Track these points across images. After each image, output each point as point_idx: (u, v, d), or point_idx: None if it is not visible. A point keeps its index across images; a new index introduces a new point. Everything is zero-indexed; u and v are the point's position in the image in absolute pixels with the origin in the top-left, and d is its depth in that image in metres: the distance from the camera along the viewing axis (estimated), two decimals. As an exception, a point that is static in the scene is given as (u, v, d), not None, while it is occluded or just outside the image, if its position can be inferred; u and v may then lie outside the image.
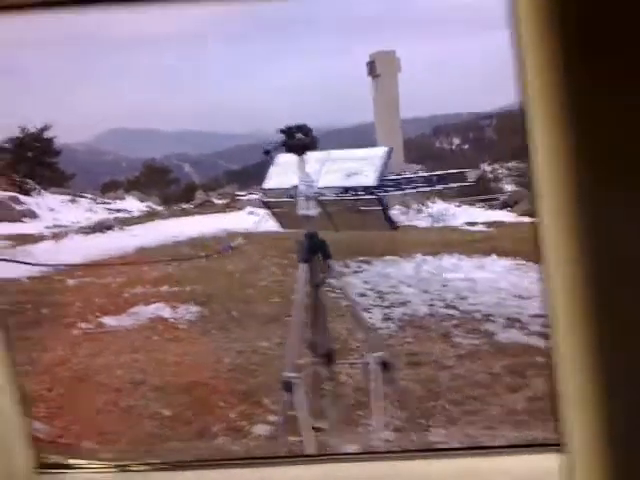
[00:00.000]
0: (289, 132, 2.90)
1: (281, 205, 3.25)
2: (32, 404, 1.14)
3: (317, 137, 2.93)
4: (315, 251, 2.98)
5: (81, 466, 1.21)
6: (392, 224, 3.13)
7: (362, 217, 3.06)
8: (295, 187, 2.99)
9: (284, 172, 3.18)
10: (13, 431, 1.13)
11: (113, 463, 1.23)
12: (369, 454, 2.15)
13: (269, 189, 3.35)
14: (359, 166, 3.07)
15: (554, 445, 0.94)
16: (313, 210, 2.96)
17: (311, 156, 2.98)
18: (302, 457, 2.61)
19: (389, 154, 3.10)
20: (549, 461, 1.06)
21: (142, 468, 1.21)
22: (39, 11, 0.87)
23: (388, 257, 8.76)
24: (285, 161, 3.17)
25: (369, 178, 3.00)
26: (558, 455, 0.83)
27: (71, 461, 1.21)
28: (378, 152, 3.16)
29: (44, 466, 1.18)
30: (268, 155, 3.07)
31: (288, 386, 2.86)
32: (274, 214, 3.38)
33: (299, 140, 2.90)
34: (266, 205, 3.42)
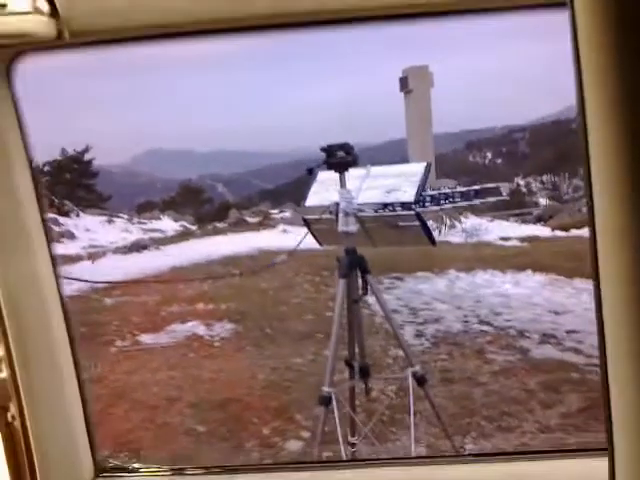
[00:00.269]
0: (331, 150, 2.96)
1: (321, 222, 3.30)
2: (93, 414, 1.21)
3: (357, 155, 2.98)
4: (354, 267, 3.02)
5: (139, 470, 1.27)
6: (431, 239, 3.14)
7: (401, 233, 3.09)
8: (336, 204, 3.05)
9: (325, 189, 3.24)
10: (78, 437, 1.20)
11: (169, 467, 1.28)
12: (408, 459, 2.16)
13: (310, 206, 3.40)
14: (398, 182, 3.10)
15: (600, 450, 0.95)
16: (352, 226, 3.01)
17: (351, 173, 3.04)
18: (346, 462, 2.63)
19: (428, 170, 3.14)
20: (594, 466, 1.06)
21: (197, 472, 1.26)
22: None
23: (421, 273, 8.73)
24: (326, 178, 3.23)
25: (408, 194, 3.04)
26: (603, 460, 0.82)
27: (129, 466, 1.27)
28: (417, 168, 3.19)
29: (105, 470, 1.25)
30: (311, 173, 3.14)
31: (325, 400, 2.88)
32: (313, 231, 3.42)
33: (341, 158, 2.96)
34: (305, 222, 3.47)
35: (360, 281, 3.05)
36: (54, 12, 0.88)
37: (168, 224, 20.95)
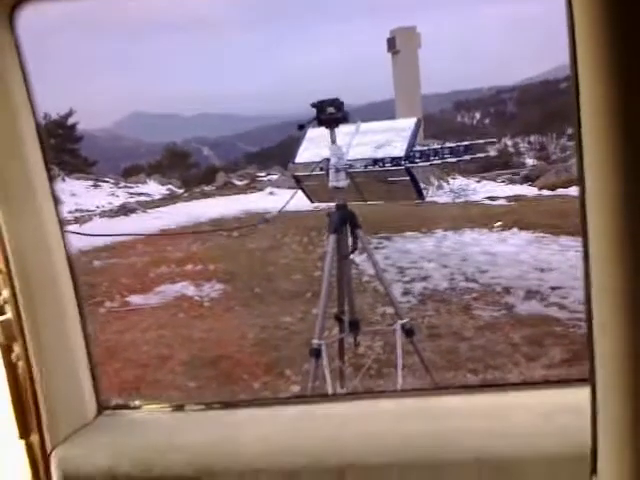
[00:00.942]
0: (321, 106, 2.98)
1: (311, 178, 3.33)
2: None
3: (348, 111, 3.01)
4: (344, 222, 3.07)
5: (140, 407, 1.33)
6: (420, 194, 3.19)
7: (391, 188, 3.13)
8: (326, 160, 3.08)
9: (315, 146, 3.26)
10: (82, 376, 1.25)
11: (169, 403, 1.34)
12: (398, 391, 2.24)
13: (300, 163, 3.43)
14: (388, 138, 3.13)
15: (581, 380, 1.00)
16: (343, 182, 3.04)
17: (341, 129, 3.06)
18: (342, 395, 2.72)
19: (418, 125, 3.17)
20: (576, 395, 1.12)
21: (197, 407, 1.32)
22: None
23: (409, 233, 8.79)
24: (315, 135, 3.25)
25: (398, 149, 3.07)
26: (584, 389, 0.86)
27: (131, 403, 1.33)
28: (407, 123, 3.22)
29: (107, 407, 1.30)
30: (302, 129, 3.15)
31: (316, 352, 2.95)
32: (303, 187, 3.45)
33: (331, 114, 2.98)
34: (296, 179, 3.50)
35: (350, 237, 3.10)
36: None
37: (155, 188, 20.83)
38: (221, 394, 4.44)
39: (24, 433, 1.30)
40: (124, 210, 13.66)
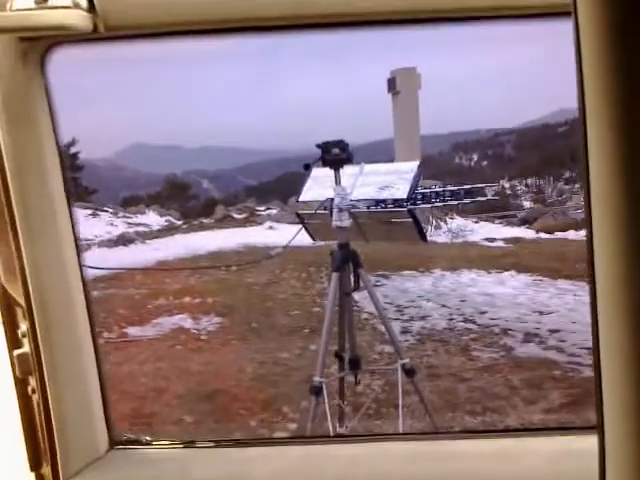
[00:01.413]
0: (326, 147, 3.03)
1: (314, 217, 3.38)
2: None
3: (352, 152, 3.06)
4: (347, 261, 3.10)
5: (151, 442, 1.33)
6: (423, 236, 3.23)
7: (393, 229, 3.17)
8: (330, 199, 3.13)
9: (319, 185, 3.31)
10: (95, 411, 1.26)
11: (180, 440, 1.35)
12: (403, 434, 2.23)
13: (304, 201, 3.48)
14: (392, 179, 3.19)
15: (587, 428, 1.01)
16: (346, 221, 3.08)
17: (345, 170, 3.12)
18: (351, 436, 2.70)
19: (420, 169, 3.23)
20: (582, 443, 1.12)
21: (207, 445, 1.32)
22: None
23: (407, 272, 8.82)
24: (320, 175, 3.30)
25: (401, 191, 3.12)
26: (591, 437, 0.86)
27: (142, 438, 1.33)
28: (410, 166, 3.28)
29: (119, 442, 1.31)
30: (308, 169, 3.21)
31: (316, 390, 2.95)
32: (306, 226, 3.49)
33: (336, 155, 3.03)
34: (299, 217, 3.54)
35: (352, 275, 3.13)
36: (92, 7, 0.94)
37: (153, 218, 20.86)
38: (217, 430, 4.40)
39: (35, 466, 1.31)
40: (122, 240, 13.68)
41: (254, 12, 0.95)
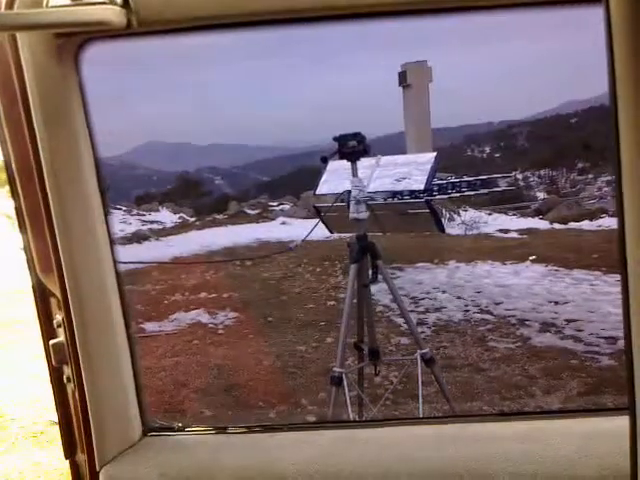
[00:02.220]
0: (343, 140, 3.05)
1: (331, 210, 3.41)
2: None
3: (369, 144, 3.08)
4: (364, 253, 3.12)
5: (184, 429, 1.37)
6: (441, 226, 3.25)
7: (410, 220, 3.20)
8: (348, 192, 3.15)
9: (335, 178, 3.34)
10: (130, 399, 1.29)
11: (212, 426, 1.38)
12: (437, 418, 2.24)
13: (321, 194, 3.52)
14: (408, 171, 3.21)
15: (619, 409, 1.03)
16: (363, 213, 3.10)
17: (362, 162, 3.14)
18: (381, 420, 2.73)
19: (437, 160, 3.25)
20: (612, 424, 1.14)
21: (239, 430, 1.35)
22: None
23: (421, 264, 8.83)
24: (336, 167, 3.32)
25: (418, 182, 3.14)
26: (622, 418, 0.86)
27: (175, 425, 1.37)
28: (426, 157, 3.30)
29: (152, 429, 1.34)
30: (325, 162, 3.23)
31: (336, 380, 2.98)
32: (323, 219, 3.52)
33: (352, 147, 3.05)
34: (317, 210, 3.57)
35: (370, 267, 3.15)
36: (126, 2, 0.97)
37: (167, 216, 20.96)
38: (236, 423, 4.45)
39: (70, 453, 1.34)
40: (137, 237, 13.78)
41: (283, 5, 0.97)
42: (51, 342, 1.28)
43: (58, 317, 1.27)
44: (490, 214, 14.19)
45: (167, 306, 7.47)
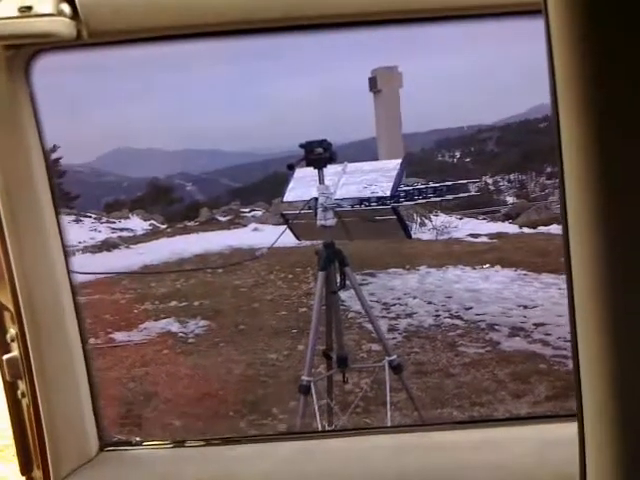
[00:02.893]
0: (310, 147, 3.05)
1: (299, 217, 3.40)
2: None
3: (335, 151, 3.08)
4: (332, 260, 3.12)
5: (141, 443, 1.35)
6: (407, 232, 3.26)
7: (377, 226, 3.21)
8: (314, 199, 3.15)
9: (302, 185, 3.34)
10: (85, 413, 1.27)
11: (170, 439, 1.36)
12: (394, 427, 2.25)
13: (288, 202, 3.51)
14: (375, 178, 3.22)
15: (568, 415, 1.04)
16: (330, 220, 3.11)
17: (329, 169, 3.14)
18: (340, 430, 2.73)
19: (403, 166, 3.27)
20: (567, 430, 1.15)
21: (197, 444, 1.34)
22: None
23: (392, 270, 8.85)
24: (303, 175, 3.32)
25: (384, 189, 3.15)
26: (572, 424, 0.87)
27: (132, 440, 1.35)
28: (393, 164, 3.32)
29: (109, 444, 1.32)
30: (292, 170, 3.23)
31: (305, 389, 2.97)
32: (291, 226, 3.52)
33: (319, 154, 3.05)
34: (284, 217, 3.57)
35: (338, 274, 3.15)
36: (75, 14, 0.95)
37: (137, 223, 20.73)
38: (207, 433, 4.41)
39: (26, 469, 1.31)
40: (107, 245, 13.60)
41: (234, 16, 0.96)
42: (5, 357, 1.25)
43: (12, 331, 1.24)
44: (461, 219, 14.32)
45: (137, 315, 7.37)
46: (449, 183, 3.78)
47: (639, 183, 0.62)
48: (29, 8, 0.93)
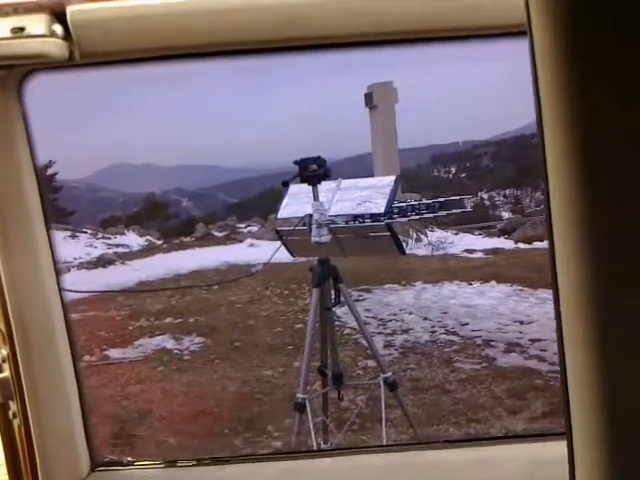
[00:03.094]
0: (304, 164, 3.06)
1: (293, 233, 3.40)
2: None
3: (330, 168, 3.09)
4: (327, 276, 3.11)
5: (133, 463, 1.34)
6: (401, 249, 3.27)
7: (371, 243, 3.22)
8: (309, 215, 3.15)
9: (297, 201, 3.35)
10: (77, 433, 1.26)
11: (161, 459, 1.35)
12: (386, 446, 2.24)
13: (283, 218, 3.51)
14: (369, 194, 3.23)
15: (558, 434, 1.03)
16: (325, 237, 3.11)
17: (323, 186, 3.15)
18: (330, 450, 2.71)
19: (398, 182, 3.28)
20: (559, 447, 1.14)
21: (189, 463, 1.33)
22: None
23: (388, 285, 8.85)
24: (298, 191, 3.33)
25: (378, 206, 3.16)
26: (562, 443, 0.87)
27: (124, 460, 1.34)
28: (387, 181, 3.33)
29: (101, 464, 1.31)
30: (286, 186, 3.23)
31: (300, 407, 2.96)
32: (285, 242, 3.52)
33: (313, 171, 3.06)
34: (278, 234, 3.57)
35: (333, 290, 3.14)
36: (67, 35, 0.96)
37: (133, 239, 20.70)
38: (201, 451, 4.37)
39: None
40: (102, 261, 13.57)
41: (224, 37, 0.97)
42: None
43: (3, 352, 1.24)
44: (456, 234, 14.35)
45: (132, 332, 7.34)
46: (442, 199, 3.79)
47: (624, 194, 0.62)
48: (22, 29, 0.93)
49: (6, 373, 1.23)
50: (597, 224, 0.64)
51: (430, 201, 3.78)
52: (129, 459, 1.35)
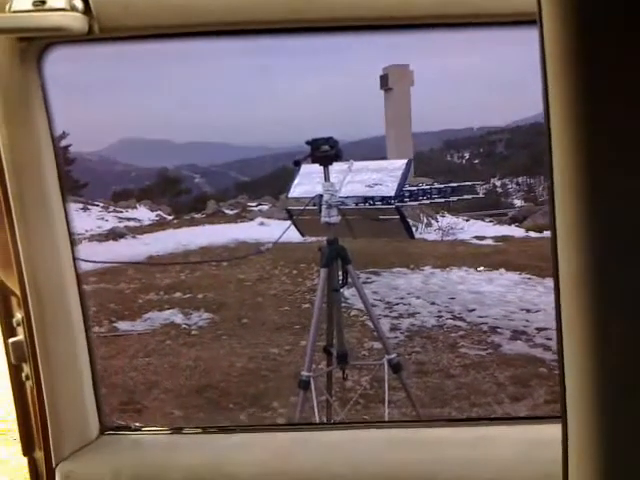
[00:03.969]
0: (316, 144, 3.06)
1: (303, 213, 3.42)
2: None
3: (341, 149, 3.09)
4: (335, 257, 3.13)
5: (141, 428, 1.38)
6: (410, 232, 3.28)
7: (381, 225, 3.23)
8: (319, 196, 3.16)
9: (308, 182, 3.36)
10: (87, 397, 1.30)
11: (168, 426, 1.39)
12: (388, 422, 2.27)
13: (293, 197, 3.53)
14: (380, 177, 3.24)
15: (554, 417, 1.06)
16: (335, 218, 3.12)
17: (335, 167, 3.16)
18: (334, 423, 2.75)
19: (409, 166, 3.28)
20: (548, 431, 1.17)
21: (195, 431, 1.37)
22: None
23: (397, 269, 8.87)
24: (309, 171, 3.34)
25: (389, 189, 3.17)
26: (557, 426, 0.89)
27: (132, 425, 1.38)
28: (398, 164, 3.33)
29: (110, 428, 1.36)
30: (298, 166, 3.24)
31: (304, 385, 3.00)
32: (295, 222, 3.54)
33: (325, 152, 3.06)
34: (289, 213, 3.59)
35: (341, 271, 3.17)
36: (87, 9, 0.98)
37: (144, 213, 20.80)
38: (207, 423, 4.44)
39: (28, 450, 1.35)
40: (113, 234, 13.65)
41: (243, 15, 0.99)
42: (10, 340, 1.29)
43: (18, 316, 1.28)
44: (467, 220, 14.32)
45: (141, 305, 7.42)
46: (454, 184, 3.79)
47: (628, 190, 0.63)
48: (43, 2, 0.95)
49: (20, 337, 1.27)
50: (602, 219, 0.64)
51: (442, 186, 3.78)
52: (136, 424, 1.39)
